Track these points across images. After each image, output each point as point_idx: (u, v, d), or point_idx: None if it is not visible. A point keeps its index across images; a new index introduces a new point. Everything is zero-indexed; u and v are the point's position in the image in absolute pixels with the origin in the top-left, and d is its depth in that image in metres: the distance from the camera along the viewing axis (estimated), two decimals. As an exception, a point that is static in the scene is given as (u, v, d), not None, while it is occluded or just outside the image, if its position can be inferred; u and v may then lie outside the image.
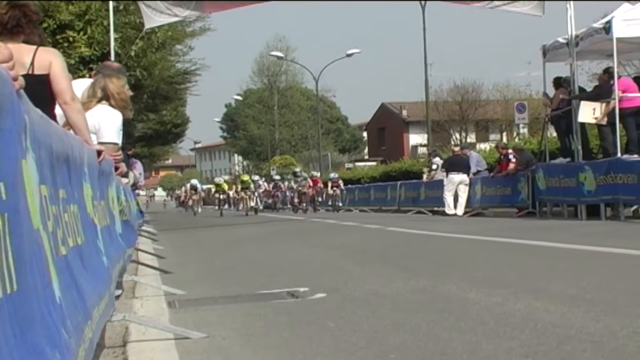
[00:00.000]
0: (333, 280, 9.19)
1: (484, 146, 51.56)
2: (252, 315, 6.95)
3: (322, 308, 7.15)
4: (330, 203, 43.41)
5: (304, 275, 9.91)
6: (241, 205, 47.39)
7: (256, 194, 46.96)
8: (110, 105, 7.68)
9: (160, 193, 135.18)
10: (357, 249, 14.32)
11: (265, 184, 53.05)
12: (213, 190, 49.30)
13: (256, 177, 53.21)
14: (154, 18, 21.22)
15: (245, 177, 49.46)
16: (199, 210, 50.33)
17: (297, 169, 54.67)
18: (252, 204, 45.70)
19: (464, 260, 11.02)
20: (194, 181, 53.20)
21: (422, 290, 7.89)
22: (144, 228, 22.02)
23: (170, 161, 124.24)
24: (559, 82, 22.43)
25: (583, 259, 10.33)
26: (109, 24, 22.09)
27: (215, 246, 17.40)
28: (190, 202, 52.14)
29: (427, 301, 7.17)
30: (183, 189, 66.59)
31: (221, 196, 46.61)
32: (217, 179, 50.85)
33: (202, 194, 56.29)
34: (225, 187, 48.29)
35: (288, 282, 9.05)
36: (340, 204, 42.64)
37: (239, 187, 47.60)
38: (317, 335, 5.85)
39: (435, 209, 29.38)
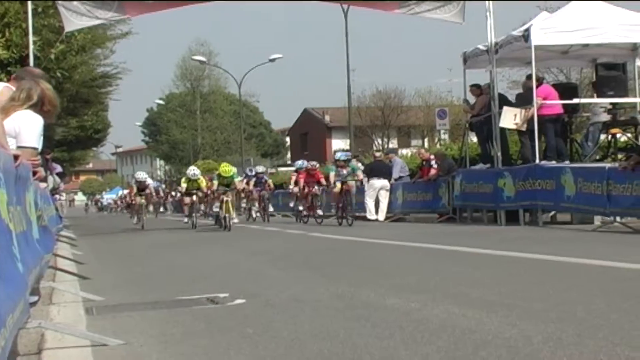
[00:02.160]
0: (254, 286, 9.17)
1: (405, 152, 51.93)
2: (170, 322, 6.90)
3: (241, 314, 7.13)
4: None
5: (225, 281, 9.87)
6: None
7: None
8: (42, 110, 7.56)
9: (80, 197, 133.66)
10: (279, 254, 14.30)
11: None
12: (183, 188, 30.13)
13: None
14: (73, 21, 20.97)
15: (227, 168, 27.77)
16: (145, 218, 31.94)
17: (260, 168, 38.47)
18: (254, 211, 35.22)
19: (385, 266, 11.08)
20: (141, 175, 32.96)
21: (342, 296, 7.90)
22: (63, 233, 21.74)
23: (90, 165, 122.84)
24: (480, 88, 22.68)
25: (502, 265, 10.44)
26: (27, 27, 21.76)
27: (136, 252, 17.26)
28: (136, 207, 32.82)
29: (347, 307, 7.18)
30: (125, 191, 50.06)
31: (194, 197, 30.22)
32: (190, 171, 30.39)
33: (161, 195, 41.00)
34: (203, 184, 29.91)
35: (208, 288, 9.01)
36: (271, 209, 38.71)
37: (215, 184, 27.29)
38: (236, 342, 5.82)
39: (357, 214, 29.48)
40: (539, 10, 30.70)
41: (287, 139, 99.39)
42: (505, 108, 20.38)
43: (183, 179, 31.17)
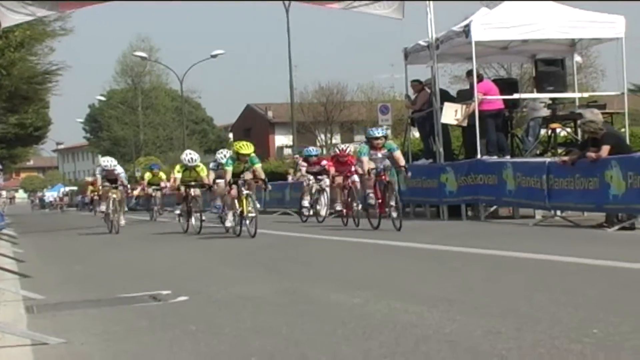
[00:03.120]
0: (197, 283, 9.15)
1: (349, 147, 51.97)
2: (112, 320, 6.86)
3: (184, 311, 7.11)
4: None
5: (169, 279, 9.82)
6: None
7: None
8: None
9: (21, 195, 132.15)
10: (224, 251, 14.27)
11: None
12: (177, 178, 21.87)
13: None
14: (10, 17, 20.70)
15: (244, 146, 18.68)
16: (121, 219, 24.03)
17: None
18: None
19: (329, 262, 11.11)
20: (108, 161, 24.20)
21: (286, 292, 7.91)
22: (4, 231, 21.50)
23: (31, 162, 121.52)
24: (422, 84, 22.77)
25: (444, 260, 10.52)
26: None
27: (80, 249, 17.10)
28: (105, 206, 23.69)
29: (291, 304, 7.20)
30: (90, 179, 39.32)
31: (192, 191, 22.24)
32: (186, 156, 22.31)
33: (128, 190, 28.28)
34: (204, 173, 21.98)
35: (152, 285, 8.96)
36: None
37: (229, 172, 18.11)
38: (178, 339, 5.81)
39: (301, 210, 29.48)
40: (480, 5, 30.95)
41: (230, 135, 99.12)
42: (446, 104, 20.49)
43: (177, 167, 22.16)
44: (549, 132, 20.31)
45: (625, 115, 20.49)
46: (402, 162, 17.41)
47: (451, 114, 20.23)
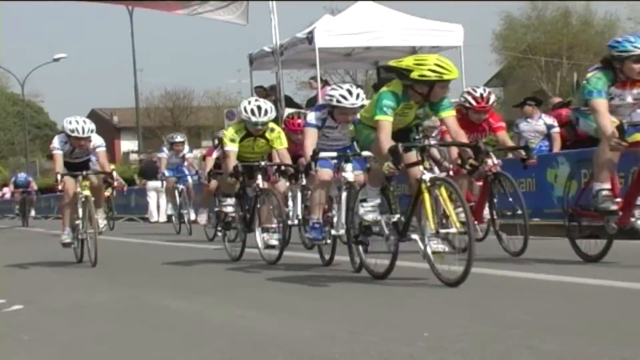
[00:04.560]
0: (33, 291, 8.97)
1: (196, 152, 51.74)
2: (-57, 331, 6.66)
3: (17, 321, 6.96)
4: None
5: (3, 287, 9.59)
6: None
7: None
8: None
9: None
10: (64, 258, 13.99)
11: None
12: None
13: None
14: None
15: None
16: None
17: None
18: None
19: (171, 269, 11.04)
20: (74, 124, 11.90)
21: (126, 299, 7.84)
22: None
23: None
24: (266, 90, 22.86)
25: (287, 266, 10.57)
26: None
27: None
28: None
29: (130, 311, 7.13)
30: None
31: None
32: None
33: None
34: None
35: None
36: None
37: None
38: (11, 349, 5.69)
39: (145, 216, 29.25)
40: (325, 11, 31.27)
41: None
42: (287, 110, 20.63)
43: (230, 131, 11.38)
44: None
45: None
46: None
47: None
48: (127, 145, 76.15)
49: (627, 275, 7.47)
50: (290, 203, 11.98)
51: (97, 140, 12.38)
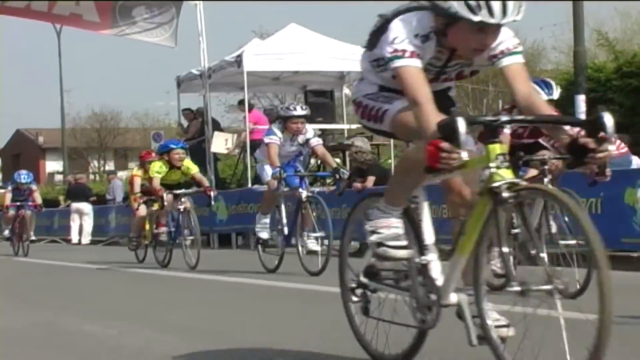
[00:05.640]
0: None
1: (122, 174, 51.32)
2: None
3: None
4: None
5: None
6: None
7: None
8: None
9: None
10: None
11: None
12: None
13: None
14: None
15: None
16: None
17: None
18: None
19: (87, 291, 10.86)
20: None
21: (40, 324, 7.64)
22: None
23: None
24: (194, 112, 22.78)
25: (206, 288, 10.49)
26: None
27: None
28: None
29: (44, 336, 6.94)
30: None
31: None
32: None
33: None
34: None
35: None
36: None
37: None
38: None
39: (68, 237, 28.89)
40: (254, 35, 31.28)
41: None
42: (216, 133, 20.58)
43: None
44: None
45: (391, 146, 21.13)
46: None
47: (221, 143, 20.33)
48: (53, 165, 75.19)
49: None
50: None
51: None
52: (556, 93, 8.19)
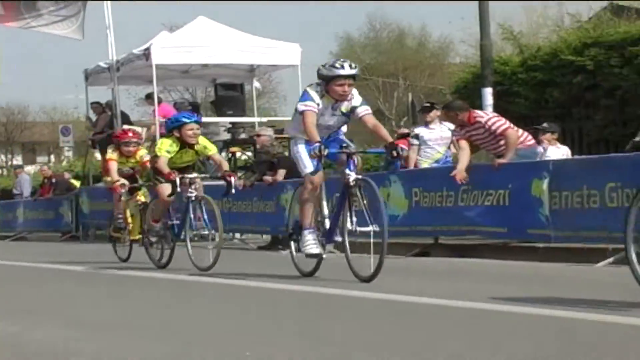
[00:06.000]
0: None
1: (30, 168, 50.54)
2: None
3: None
4: None
5: None
6: None
7: None
8: None
9: None
10: None
11: None
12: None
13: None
14: None
15: None
16: None
17: None
18: None
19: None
20: None
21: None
22: None
23: None
24: (102, 106, 22.53)
25: (127, 284, 10.39)
26: None
27: None
28: None
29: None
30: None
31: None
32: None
33: None
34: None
35: None
36: None
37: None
38: None
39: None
40: (163, 28, 31.04)
41: None
42: (124, 127, 20.36)
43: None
44: (229, 155, 20.60)
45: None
46: None
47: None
48: (-41, 161, 73.80)
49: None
50: None
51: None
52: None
